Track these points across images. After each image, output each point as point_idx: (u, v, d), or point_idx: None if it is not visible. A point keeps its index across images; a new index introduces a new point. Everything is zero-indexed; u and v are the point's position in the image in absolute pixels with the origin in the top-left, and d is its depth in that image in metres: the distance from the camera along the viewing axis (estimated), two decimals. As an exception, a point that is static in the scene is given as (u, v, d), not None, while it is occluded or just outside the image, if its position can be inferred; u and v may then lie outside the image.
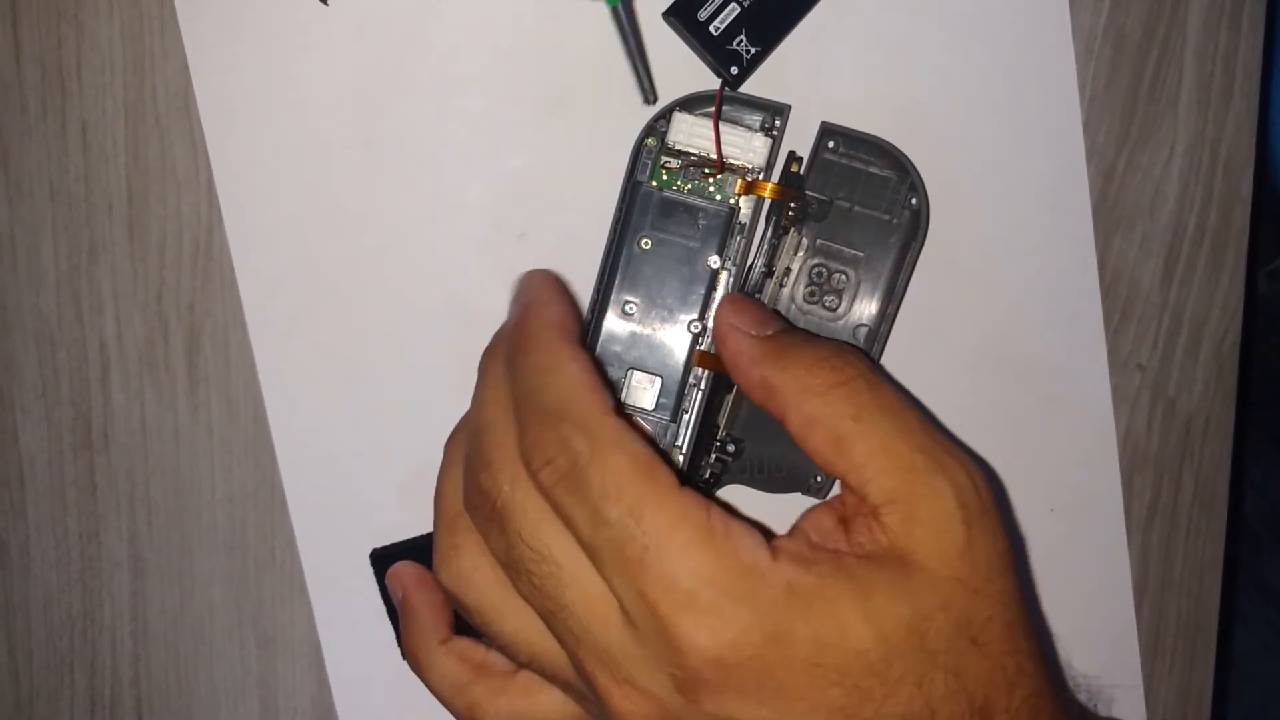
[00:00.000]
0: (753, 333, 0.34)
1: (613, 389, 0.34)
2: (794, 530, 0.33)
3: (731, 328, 0.35)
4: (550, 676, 0.35)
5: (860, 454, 0.31)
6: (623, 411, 0.35)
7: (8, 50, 0.41)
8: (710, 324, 0.39)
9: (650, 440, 0.32)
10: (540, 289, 0.35)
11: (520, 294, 0.36)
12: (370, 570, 0.42)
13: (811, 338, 0.34)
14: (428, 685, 0.38)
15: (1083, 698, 0.40)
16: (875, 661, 0.30)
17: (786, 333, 0.35)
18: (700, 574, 0.29)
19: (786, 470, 0.40)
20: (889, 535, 0.31)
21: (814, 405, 0.32)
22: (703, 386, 0.39)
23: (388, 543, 0.42)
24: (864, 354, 0.34)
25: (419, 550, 0.41)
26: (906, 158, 0.39)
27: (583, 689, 0.33)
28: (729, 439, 0.40)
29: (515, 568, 0.32)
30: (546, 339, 0.33)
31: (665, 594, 0.29)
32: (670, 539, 0.29)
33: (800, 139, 0.40)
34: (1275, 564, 0.63)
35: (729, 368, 0.35)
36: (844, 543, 0.32)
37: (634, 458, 0.30)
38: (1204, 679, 0.47)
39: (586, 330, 0.39)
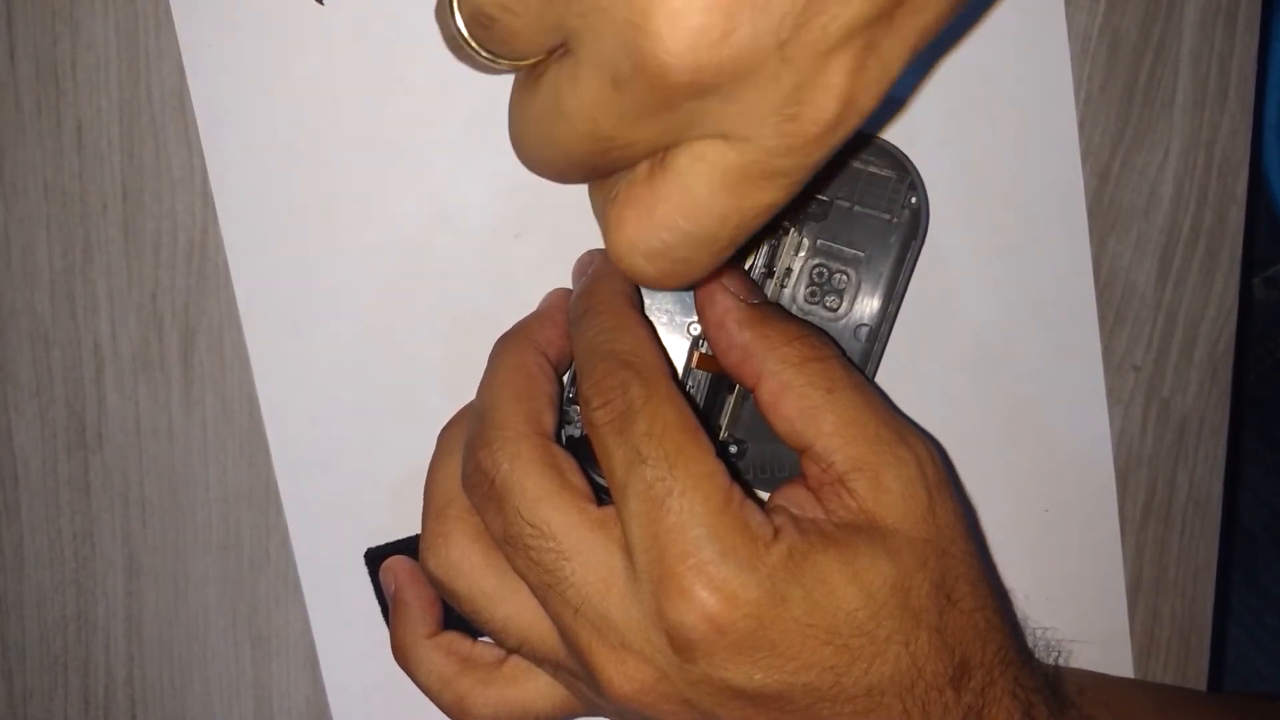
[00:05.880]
0: (741, 296, 0.36)
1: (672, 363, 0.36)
2: (773, 507, 0.34)
3: (721, 286, 0.36)
4: (541, 660, 0.36)
5: (830, 424, 0.33)
6: (679, 380, 0.37)
7: (2, 47, 0.41)
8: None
9: (699, 413, 0.33)
10: (608, 264, 0.38)
11: (586, 268, 0.38)
12: (365, 570, 0.42)
13: (791, 315, 0.36)
14: (415, 680, 0.39)
15: (1041, 651, 0.42)
16: (864, 621, 0.31)
17: (769, 305, 0.36)
18: (712, 529, 0.31)
19: (789, 471, 0.40)
20: (858, 500, 0.33)
21: (790, 374, 0.34)
22: (703, 389, 0.39)
23: (382, 542, 0.42)
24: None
25: (413, 549, 0.41)
26: (906, 157, 0.39)
27: (574, 667, 0.34)
28: (731, 440, 0.40)
29: (513, 544, 0.33)
30: (618, 304, 0.36)
31: (675, 540, 0.31)
32: (695, 490, 0.31)
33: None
34: (1270, 565, 0.63)
35: (710, 325, 0.36)
36: (820, 511, 0.33)
37: (682, 415, 0.32)
38: (1198, 680, 0.47)
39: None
